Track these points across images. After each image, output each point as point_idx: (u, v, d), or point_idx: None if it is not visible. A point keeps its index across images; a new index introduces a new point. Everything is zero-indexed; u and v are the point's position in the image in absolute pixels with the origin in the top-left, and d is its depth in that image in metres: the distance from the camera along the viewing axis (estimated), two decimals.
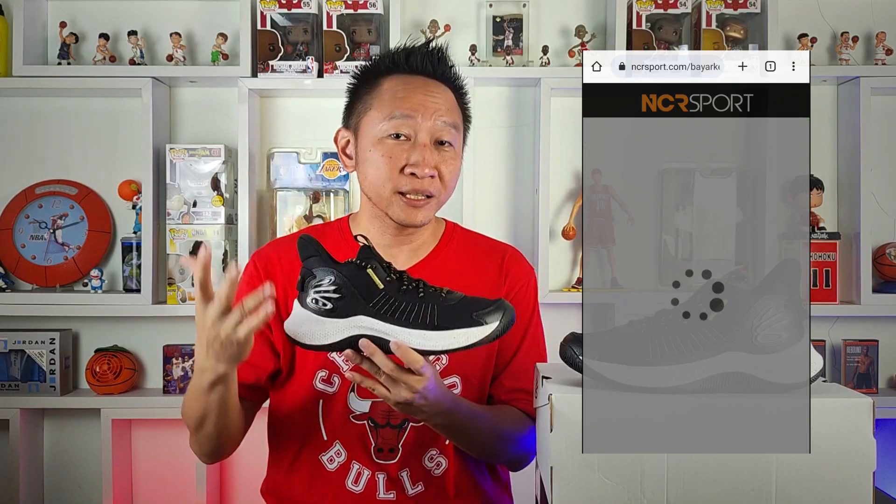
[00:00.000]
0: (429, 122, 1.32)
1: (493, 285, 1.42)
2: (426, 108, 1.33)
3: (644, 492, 0.97)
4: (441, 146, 1.34)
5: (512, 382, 1.40)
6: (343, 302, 1.12)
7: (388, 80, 1.36)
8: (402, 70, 1.36)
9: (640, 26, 2.31)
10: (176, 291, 2.28)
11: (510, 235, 2.41)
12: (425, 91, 1.34)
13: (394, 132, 1.32)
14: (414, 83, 1.35)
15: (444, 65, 1.38)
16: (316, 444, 1.37)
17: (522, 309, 1.42)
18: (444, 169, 1.34)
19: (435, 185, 1.33)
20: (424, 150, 1.32)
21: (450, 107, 1.36)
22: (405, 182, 1.32)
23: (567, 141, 2.40)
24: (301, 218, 2.34)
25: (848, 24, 2.42)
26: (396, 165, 1.32)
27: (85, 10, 2.43)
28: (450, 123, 1.35)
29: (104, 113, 2.42)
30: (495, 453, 1.40)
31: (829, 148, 2.43)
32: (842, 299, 2.36)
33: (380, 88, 1.36)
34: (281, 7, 2.30)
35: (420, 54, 1.36)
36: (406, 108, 1.32)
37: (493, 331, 1.12)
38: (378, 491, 1.35)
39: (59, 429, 2.43)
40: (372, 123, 1.35)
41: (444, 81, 1.38)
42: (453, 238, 1.46)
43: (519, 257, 1.48)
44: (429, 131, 1.32)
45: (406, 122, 1.32)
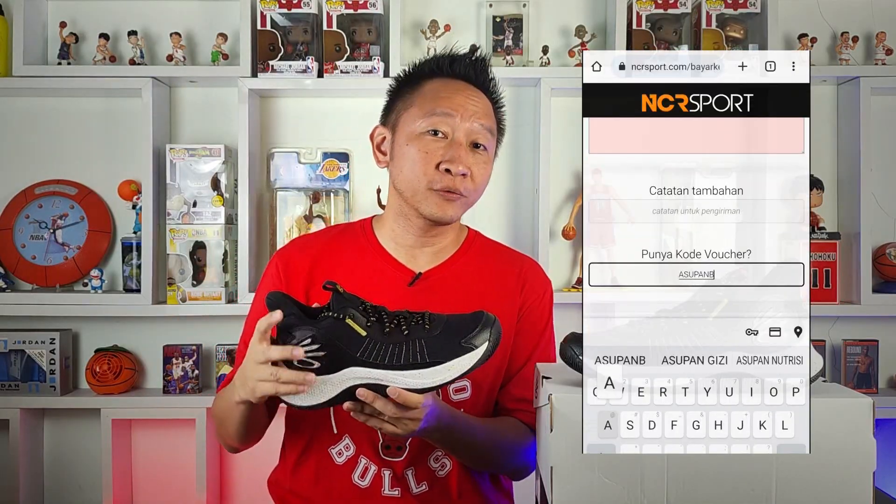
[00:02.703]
0: (467, 122, 1.35)
1: (510, 293, 1.43)
2: (465, 109, 1.36)
3: (644, 492, 0.97)
4: (476, 149, 1.37)
5: (519, 391, 1.41)
6: (329, 358, 1.10)
7: (430, 82, 1.40)
8: (445, 74, 1.40)
9: (640, 26, 2.31)
10: (176, 291, 2.28)
11: (510, 235, 2.41)
12: (466, 94, 1.38)
13: (432, 129, 1.35)
14: (456, 86, 1.39)
15: (485, 74, 1.42)
16: (326, 437, 1.37)
17: (536, 319, 1.45)
18: (476, 170, 1.36)
19: (466, 185, 1.36)
20: (460, 149, 1.34)
21: (487, 112, 1.40)
22: (439, 178, 1.34)
23: (567, 141, 2.40)
24: (301, 218, 2.34)
25: (848, 24, 2.42)
26: (432, 161, 1.34)
27: (85, 10, 2.43)
28: (486, 127, 1.38)
29: (104, 113, 2.42)
30: (494, 465, 1.41)
31: (829, 148, 2.43)
32: (842, 299, 2.36)
33: (422, 88, 1.39)
34: (281, 7, 2.30)
35: (464, 61, 1.40)
36: (446, 107, 1.35)
37: (484, 353, 1.12)
38: (383, 487, 1.35)
39: (59, 429, 2.43)
40: (411, 119, 1.37)
41: (484, 90, 1.42)
42: (474, 244, 1.48)
43: (537, 269, 1.50)
44: (466, 132, 1.35)
45: (445, 119, 1.35)
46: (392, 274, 1.40)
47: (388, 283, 1.39)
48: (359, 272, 1.40)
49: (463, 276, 1.42)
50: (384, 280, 1.39)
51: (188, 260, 2.29)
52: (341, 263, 1.41)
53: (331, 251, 1.43)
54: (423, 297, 1.38)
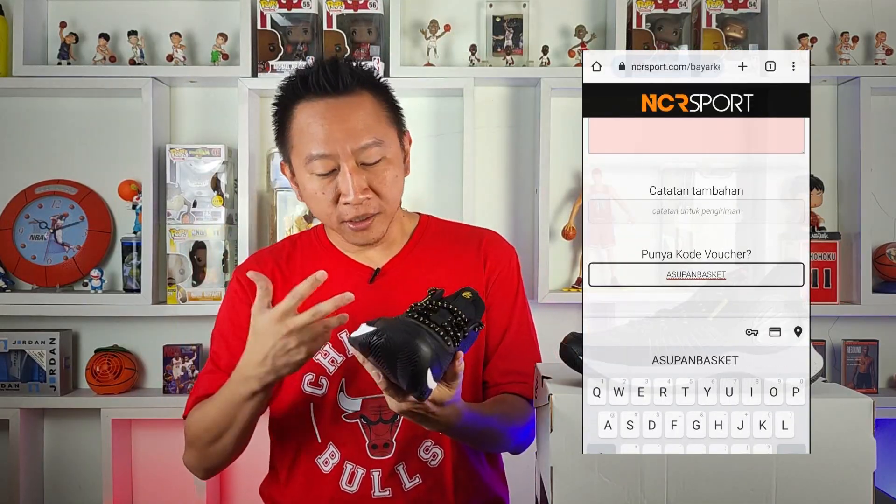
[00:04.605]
0: (347, 150, 1.29)
1: (474, 271, 1.43)
2: (340, 139, 1.29)
3: (644, 492, 0.97)
4: (369, 165, 1.32)
5: (505, 364, 1.40)
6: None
7: (298, 109, 1.32)
8: (305, 96, 1.31)
9: (640, 26, 2.31)
10: (176, 291, 2.28)
11: (510, 235, 2.41)
12: (334, 117, 1.30)
13: (317, 172, 1.31)
14: (321, 111, 1.30)
15: (342, 77, 1.30)
16: (311, 448, 1.37)
17: (507, 289, 1.44)
18: (377, 184, 1.32)
19: (374, 204, 1.32)
20: (352, 177, 1.29)
21: (367, 122, 1.31)
22: (345, 211, 1.32)
23: (567, 141, 2.40)
24: (301, 218, 2.34)
25: (848, 24, 2.42)
26: (330, 198, 1.31)
27: (85, 10, 2.43)
28: (370, 143, 1.30)
29: (104, 113, 2.42)
30: (502, 447, 1.42)
31: (829, 148, 2.43)
32: (842, 299, 2.36)
33: (295, 121, 1.32)
34: (281, 7, 2.30)
35: (314, 75, 1.30)
36: (321, 146, 1.29)
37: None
38: (373, 489, 1.35)
39: (59, 429, 2.43)
40: (297, 161, 1.33)
41: (353, 89, 1.32)
42: (427, 231, 1.47)
43: (497, 240, 1.48)
44: (350, 159, 1.29)
45: (323, 161, 1.29)
46: (351, 274, 1.40)
47: (350, 283, 1.37)
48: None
49: (421, 264, 1.41)
50: (346, 281, 1.38)
51: (188, 260, 2.29)
52: (300, 271, 1.41)
53: (288, 261, 1.43)
54: (385, 291, 1.38)
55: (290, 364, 1.20)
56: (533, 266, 2.32)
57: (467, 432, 1.28)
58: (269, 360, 1.19)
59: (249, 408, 1.26)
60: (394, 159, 1.35)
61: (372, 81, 1.35)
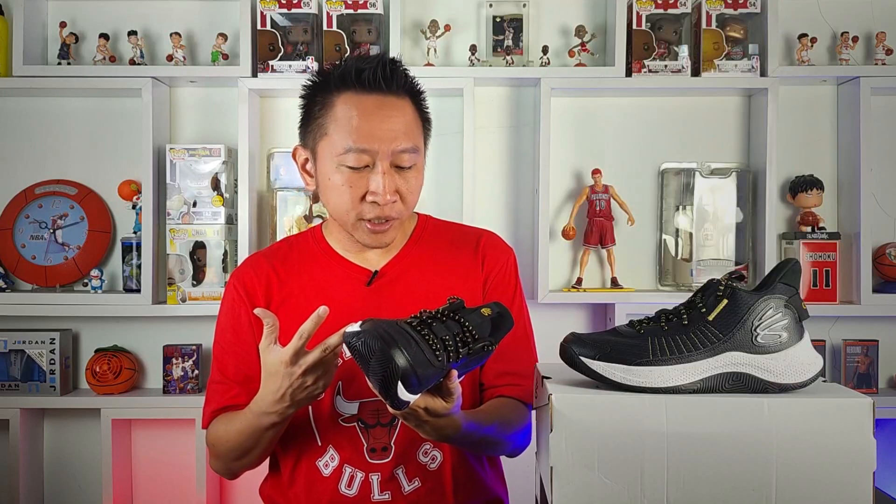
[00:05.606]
0: (387, 149, 1.29)
1: (471, 271, 1.43)
2: (383, 138, 1.29)
3: (644, 492, 0.97)
4: (401, 169, 1.32)
5: (501, 365, 1.40)
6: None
7: (341, 99, 1.31)
8: (353, 87, 1.31)
9: (640, 26, 2.31)
10: (176, 291, 2.28)
11: (510, 235, 2.41)
12: (381, 115, 1.30)
13: (351, 165, 1.30)
14: (368, 106, 1.30)
15: (397, 77, 1.32)
16: (312, 450, 1.38)
17: (503, 290, 1.44)
18: (404, 190, 1.32)
19: (397, 208, 1.33)
20: (384, 177, 1.29)
21: (408, 127, 1.32)
22: (367, 209, 1.31)
23: (567, 141, 2.40)
24: (301, 218, 2.34)
25: (848, 24, 2.42)
26: (357, 194, 1.31)
27: (85, 10, 2.43)
28: (409, 148, 1.31)
29: (104, 113, 2.42)
30: (496, 451, 1.42)
31: (829, 148, 2.43)
32: (842, 299, 2.36)
33: (333, 110, 1.31)
34: (281, 7, 2.30)
35: (371, 70, 1.29)
36: (362, 141, 1.28)
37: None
38: (372, 493, 1.35)
39: (59, 429, 2.43)
40: (329, 149, 1.31)
41: (399, 92, 1.33)
42: (425, 232, 1.47)
43: (494, 240, 1.48)
44: (388, 159, 1.29)
45: (363, 155, 1.29)
46: (349, 276, 1.40)
47: (347, 285, 1.38)
48: (316, 279, 1.40)
49: (419, 266, 1.41)
50: (343, 283, 1.39)
51: (188, 260, 2.29)
52: (297, 273, 1.41)
53: (285, 263, 1.43)
54: (383, 294, 1.38)
55: (310, 398, 1.24)
56: (533, 266, 2.32)
57: (465, 441, 1.28)
58: (288, 398, 1.22)
59: (272, 433, 1.31)
60: (420, 169, 1.36)
61: (415, 90, 1.37)
